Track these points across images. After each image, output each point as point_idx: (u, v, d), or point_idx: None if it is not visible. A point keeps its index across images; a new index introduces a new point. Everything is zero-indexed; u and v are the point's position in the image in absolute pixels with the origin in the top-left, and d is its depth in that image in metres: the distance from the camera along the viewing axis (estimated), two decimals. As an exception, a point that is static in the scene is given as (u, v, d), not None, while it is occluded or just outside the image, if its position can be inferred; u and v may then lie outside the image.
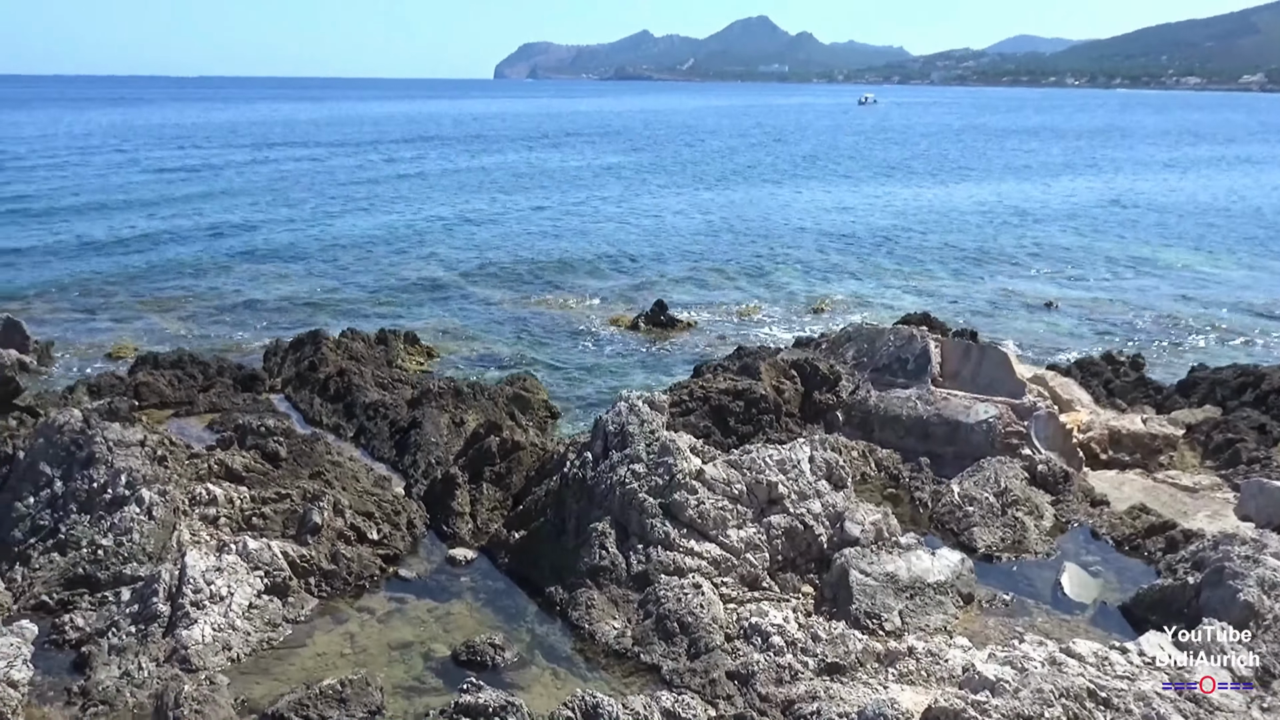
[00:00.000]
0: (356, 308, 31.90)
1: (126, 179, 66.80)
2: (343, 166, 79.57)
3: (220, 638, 11.48)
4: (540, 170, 79.76)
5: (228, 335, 27.97)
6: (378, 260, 40.01)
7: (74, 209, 51.80)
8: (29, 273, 35.94)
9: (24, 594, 12.37)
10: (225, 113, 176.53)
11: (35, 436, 14.70)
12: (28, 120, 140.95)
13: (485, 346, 27.31)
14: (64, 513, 13.39)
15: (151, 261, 38.47)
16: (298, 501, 14.41)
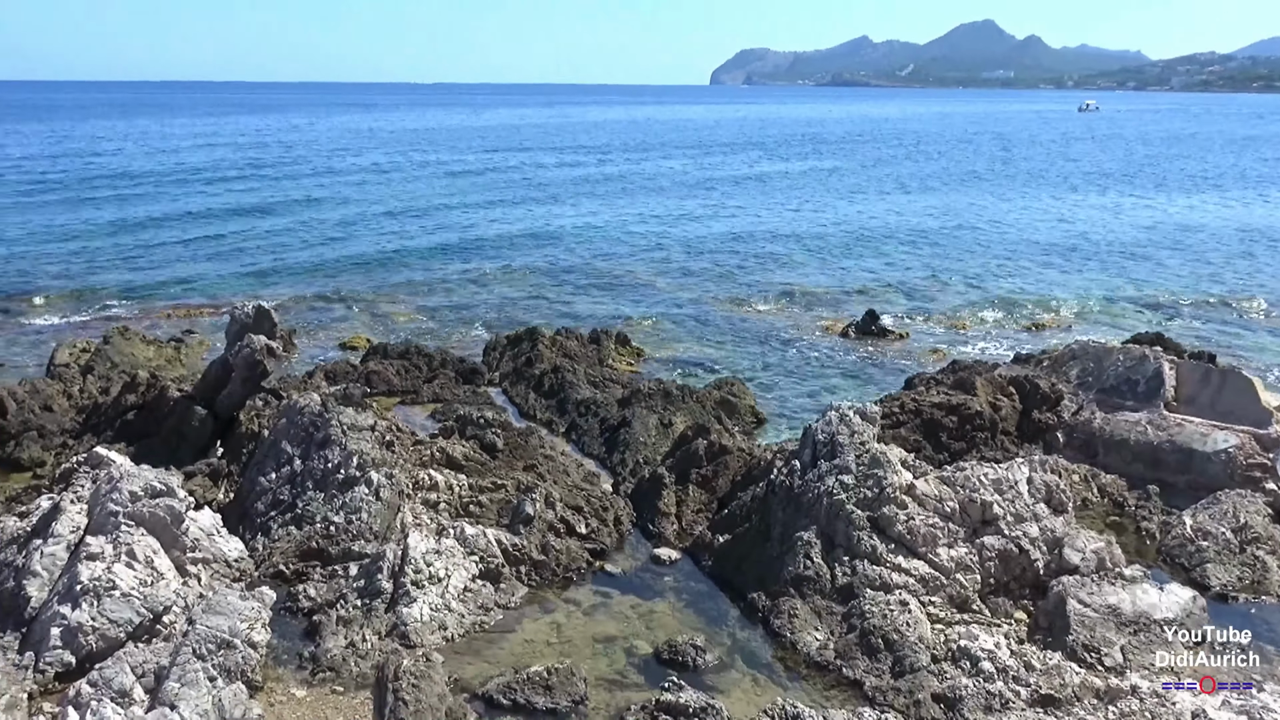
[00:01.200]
0: (571, 307, 32.80)
1: (366, 180, 71.18)
2: (562, 171, 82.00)
3: (437, 617, 12.04)
4: (758, 176, 79.80)
5: (451, 330, 29.32)
6: (592, 261, 41.04)
7: (318, 207, 55.74)
8: (280, 265, 38.95)
9: (264, 562, 13.34)
10: (458, 118, 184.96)
11: (279, 417, 15.85)
12: (279, 124, 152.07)
13: (694, 349, 27.53)
14: (301, 489, 14.36)
15: (385, 258, 40.91)
16: (512, 492, 14.95)
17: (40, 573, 11.40)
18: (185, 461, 16.49)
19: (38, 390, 19.77)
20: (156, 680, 9.95)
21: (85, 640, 10.61)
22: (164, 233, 46.26)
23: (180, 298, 33.01)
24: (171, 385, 18.45)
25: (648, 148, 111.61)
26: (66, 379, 21.54)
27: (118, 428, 18.04)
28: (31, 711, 9.72)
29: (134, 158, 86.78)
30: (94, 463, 14.28)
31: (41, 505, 13.18)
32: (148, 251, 41.45)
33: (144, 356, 23.83)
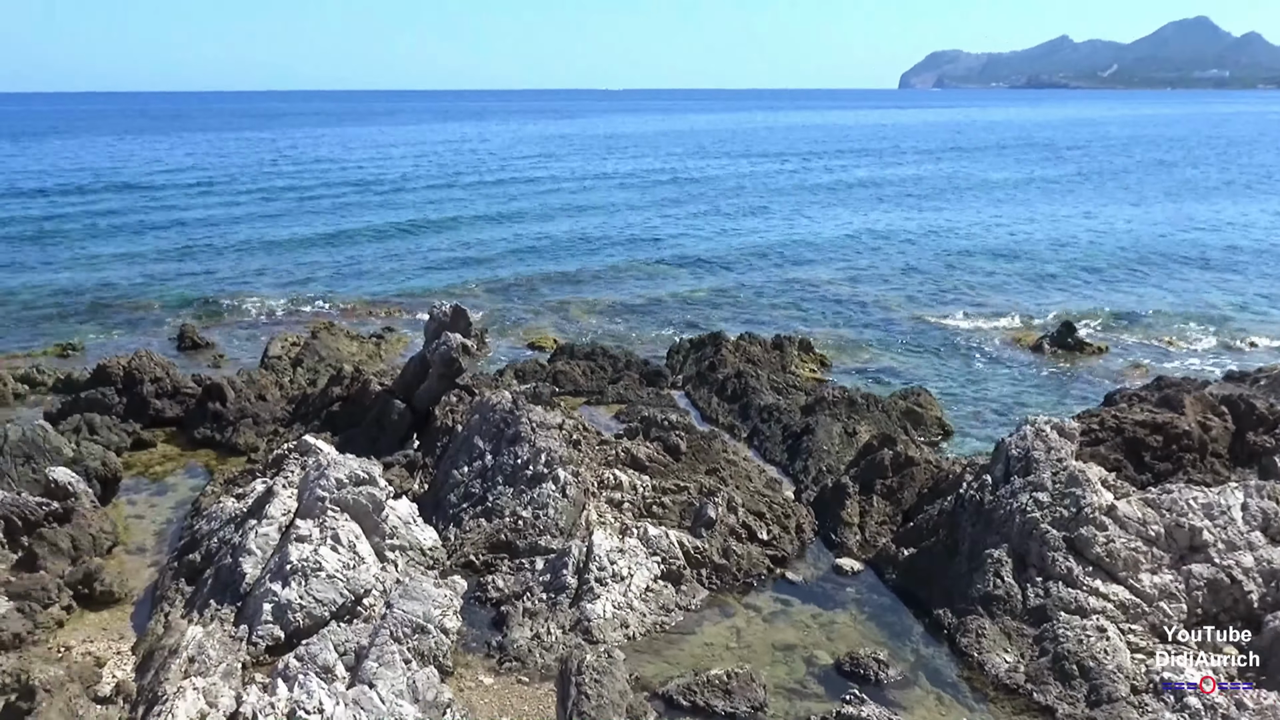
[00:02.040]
0: (753, 312, 32.72)
1: (559, 185, 73.04)
2: (748, 176, 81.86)
3: (619, 615, 12.23)
4: (949, 182, 77.50)
5: (635, 332, 29.72)
6: (775, 267, 40.84)
7: (512, 212, 57.56)
8: (474, 267, 40.44)
9: (455, 552, 13.86)
10: (648, 124, 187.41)
11: (472, 413, 16.43)
12: (477, 132, 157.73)
13: (879, 357, 27.02)
14: (492, 483, 14.85)
15: (574, 262, 41.87)
16: (694, 495, 15.03)
17: (255, 551, 12.20)
18: (384, 452, 17.30)
19: (253, 380, 21.15)
20: (356, 659, 10.48)
21: (293, 617, 11.27)
22: (367, 236, 48.69)
23: (381, 297, 34.65)
24: (373, 379, 19.39)
25: (834, 153, 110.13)
26: (278, 370, 22.99)
27: (324, 417, 19.09)
28: (245, 681, 10.38)
29: (342, 166, 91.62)
30: (303, 450, 15.18)
31: (256, 488, 14.11)
32: (352, 253, 43.72)
33: (348, 351, 25.14)
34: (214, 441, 19.36)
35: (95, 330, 29.75)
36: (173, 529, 15.61)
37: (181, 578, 12.95)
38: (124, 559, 14.61)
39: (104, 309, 32.43)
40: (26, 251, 43.55)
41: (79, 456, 16.55)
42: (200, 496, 16.04)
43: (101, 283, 36.66)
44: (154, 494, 17.32)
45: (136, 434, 19.48)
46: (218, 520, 13.69)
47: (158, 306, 32.70)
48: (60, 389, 22.56)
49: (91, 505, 14.89)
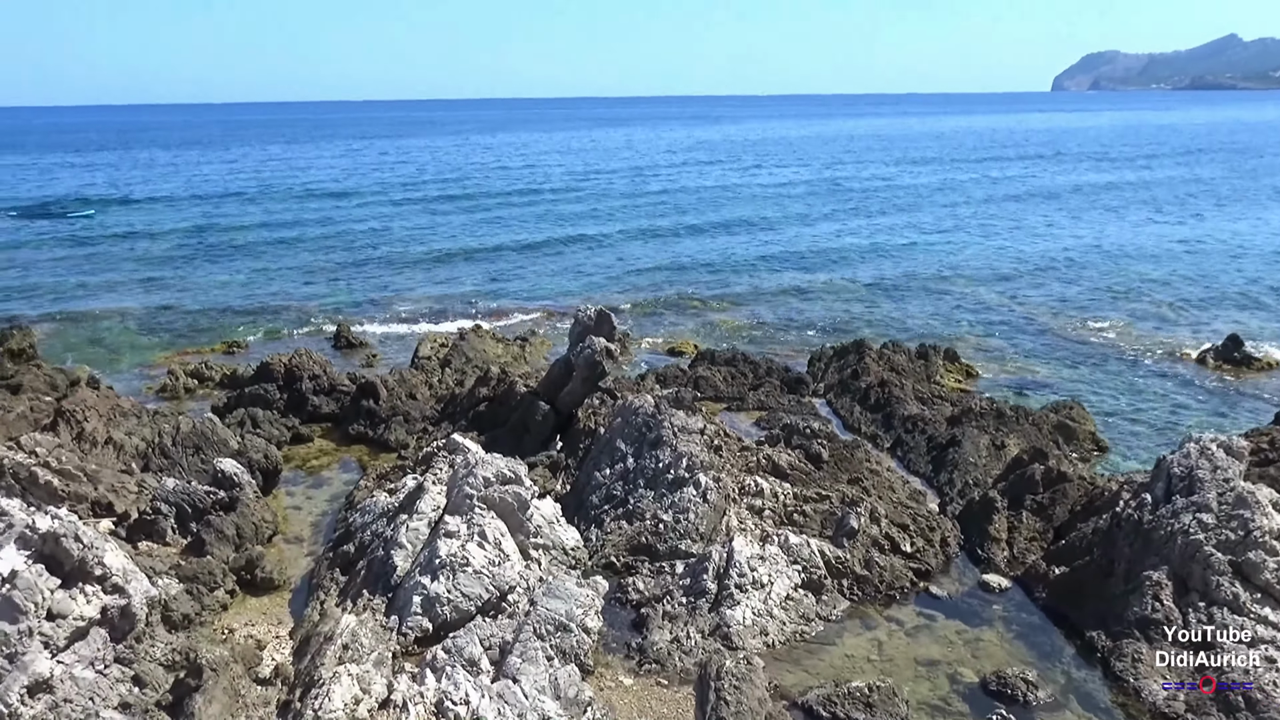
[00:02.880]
0: (898, 321, 32.14)
1: (702, 191, 73.29)
2: (895, 182, 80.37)
3: (759, 622, 12.18)
4: (1108, 188, 74.45)
5: (776, 339, 29.56)
6: (921, 274, 40.01)
7: (654, 219, 58.00)
8: (617, 272, 40.92)
9: (597, 553, 14.03)
10: (798, 129, 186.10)
11: (614, 416, 16.62)
12: (623, 138, 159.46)
13: (1028, 369, 26.17)
14: (633, 486, 14.98)
15: (715, 267, 41.98)
16: (836, 504, 14.85)
17: (405, 545, 12.60)
18: (528, 452, 17.64)
19: (404, 380, 21.86)
20: (501, 654, 10.73)
21: (441, 610, 11.60)
22: (514, 242, 49.81)
23: (526, 300, 35.35)
24: (519, 381, 19.80)
25: (985, 158, 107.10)
26: (428, 370, 23.69)
27: (471, 417, 19.59)
28: (395, 669, 10.74)
29: (494, 174, 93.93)
30: (451, 448, 15.61)
31: (407, 484, 14.58)
32: (499, 258, 44.80)
33: (494, 353, 25.74)
34: (367, 438, 20.08)
35: (259, 329, 31.26)
36: (328, 520, 16.27)
37: (336, 568, 13.47)
38: (283, 547, 15.30)
39: (267, 309, 34.07)
40: (197, 254, 46.18)
41: (243, 449, 17.40)
42: (354, 490, 16.67)
43: (265, 284, 38.62)
44: (311, 486, 18.08)
45: (295, 429, 20.37)
46: (370, 514, 14.20)
47: (316, 307, 34.16)
48: (226, 384, 23.77)
49: (254, 495, 15.63)
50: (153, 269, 42.37)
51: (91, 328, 31.71)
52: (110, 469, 16.45)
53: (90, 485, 15.54)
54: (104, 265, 43.56)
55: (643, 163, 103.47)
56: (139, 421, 18.94)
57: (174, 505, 14.88)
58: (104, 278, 40.59)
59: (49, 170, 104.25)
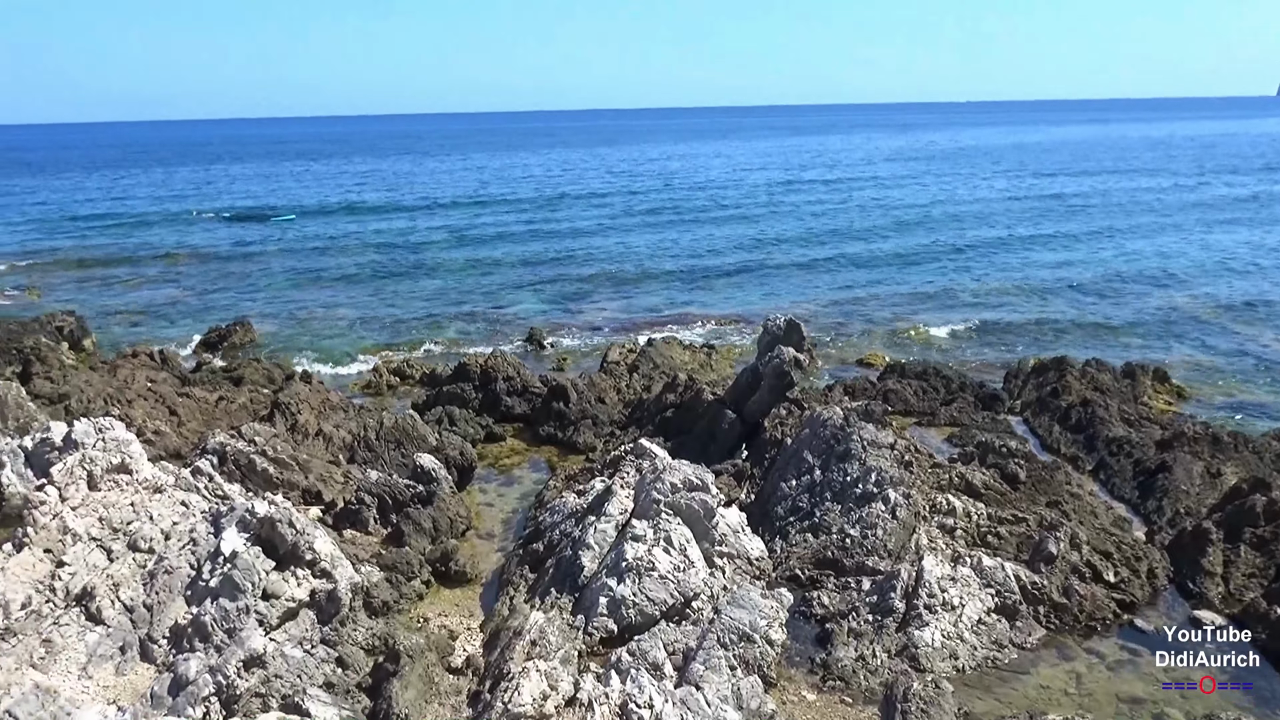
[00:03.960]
0: (1101, 337, 30.58)
1: (896, 200, 71.84)
2: (1110, 191, 76.36)
3: (949, 645, 11.79)
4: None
5: (969, 352, 28.61)
6: (1129, 289, 37.92)
7: (845, 229, 57.23)
8: (803, 282, 40.58)
9: (781, 564, 13.90)
10: (999, 138, 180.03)
11: (802, 427, 16.43)
12: (825, 147, 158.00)
13: (1246, 392, 24.41)
14: (820, 499, 14.77)
15: (902, 275, 41.04)
16: (1033, 528, 14.24)
17: (593, 546, 12.82)
18: (714, 460, 17.65)
19: (594, 384, 22.27)
20: (684, 660, 10.77)
21: (626, 613, 11.74)
22: (702, 248, 50.07)
23: (711, 308, 35.43)
24: (706, 388, 19.86)
25: (1206, 169, 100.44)
26: (616, 375, 24.05)
27: (657, 423, 19.76)
28: (581, 668, 10.93)
29: (689, 181, 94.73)
30: (638, 453, 15.78)
31: (595, 486, 14.83)
32: (688, 265, 45.07)
33: (681, 360, 25.90)
34: (556, 439, 20.56)
35: (458, 329, 32.51)
36: (518, 518, 16.74)
37: (526, 565, 13.84)
38: (475, 542, 15.82)
39: (464, 312, 35.40)
40: (398, 260, 48.45)
41: (441, 445, 18.09)
42: (544, 490, 17.09)
43: (462, 288, 40.15)
44: (502, 484, 18.65)
45: (489, 427, 21.06)
46: (559, 514, 14.52)
47: (511, 310, 35.26)
48: (426, 382, 24.80)
49: (450, 491, 16.23)
50: (357, 273, 44.73)
51: (303, 326, 33.72)
52: (319, 459, 17.41)
53: (301, 474, 16.49)
54: (313, 269, 46.26)
55: (845, 170, 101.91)
56: (346, 415, 20.00)
57: (376, 496, 15.61)
58: (314, 280, 43.15)
59: (268, 178, 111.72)
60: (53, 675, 10.16)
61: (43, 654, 10.41)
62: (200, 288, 41.98)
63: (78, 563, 11.48)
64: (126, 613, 11.07)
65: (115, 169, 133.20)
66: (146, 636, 10.88)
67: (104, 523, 12.25)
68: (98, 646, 10.65)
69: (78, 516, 12.13)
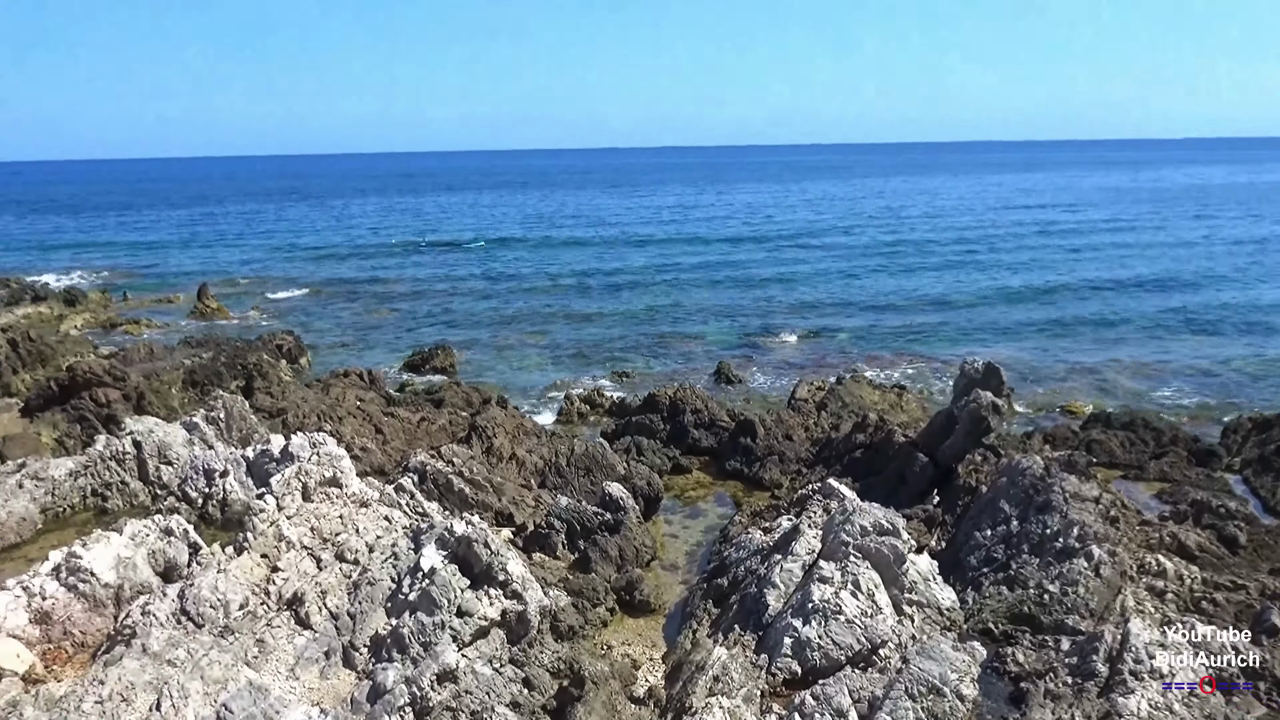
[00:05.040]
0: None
1: (1106, 236, 68.66)
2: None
3: (1156, 716, 11.07)
4: None
5: (1180, 403, 26.95)
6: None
7: (1052, 268, 55.02)
8: (1010, 322, 39.22)
9: (973, 616, 13.39)
10: (1227, 175, 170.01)
11: (998, 475, 15.83)
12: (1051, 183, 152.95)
13: None
14: (1016, 551, 14.18)
15: (1114, 318, 39.05)
16: (1255, 596, 13.24)
17: (779, 585, 12.70)
18: (903, 504, 17.22)
19: (781, 420, 22.14)
20: (870, 709, 10.49)
21: (811, 655, 11.56)
22: (898, 288, 49.14)
23: (903, 347, 34.68)
24: (897, 430, 19.43)
25: None
26: (804, 412, 23.84)
27: (845, 463, 19.46)
28: (763, 709, 10.82)
29: (888, 220, 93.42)
30: (826, 493, 15.57)
31: (782, 524, 14.72)
32: (883, 304, 44.34)
33: (870, 399, 25.43)
34: (742, 474, 20.52)
35: (647, 361, 32.99)
36: (702, 551, 16.77)
37: (709, 599, 13.83)
38: (659, 573, 15.93)
39: (657, 342, 35.91)
40: (589, 291, 49.66)
41: (629, 475, 18.34)
42: (728, 525, 17.07)
43: (651, 321, 40.74)
44: (687, 516, 18.73)
45: (676, 459, 21.22)
46: (745, 550, 14.46)
47: (700, 344, 35.51)
48: (615, 412, 25.23)
49: (637, 520, 16.42)
50: (551, 303, 46.09)
51: (499, 352, 34.93)
52: (512, 483, 17.95)
53: (495, 496, 17.03)
54: (509, 297, 47.97)
55: (1047, 216, 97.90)
56: (538, 441, 20.55)
57: (565, 522, 15.95)
58: (510, 308, 44.76)
59: (471, 209, 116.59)
60: (264, 674, 10.79)
61: (256, 653, 11.07)
62: (404, 313, 44.17)
63: (290, 569, 12.19)
64: (332, 620, 11.66)
65: (340, 199, 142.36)
66: (349, 644, 11.44)
67: (315, 533, 12.98)
68: (305, 650, 11.25)
69: (292, 525, 12.89)
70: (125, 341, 34.82)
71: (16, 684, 10.44)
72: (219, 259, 67.53)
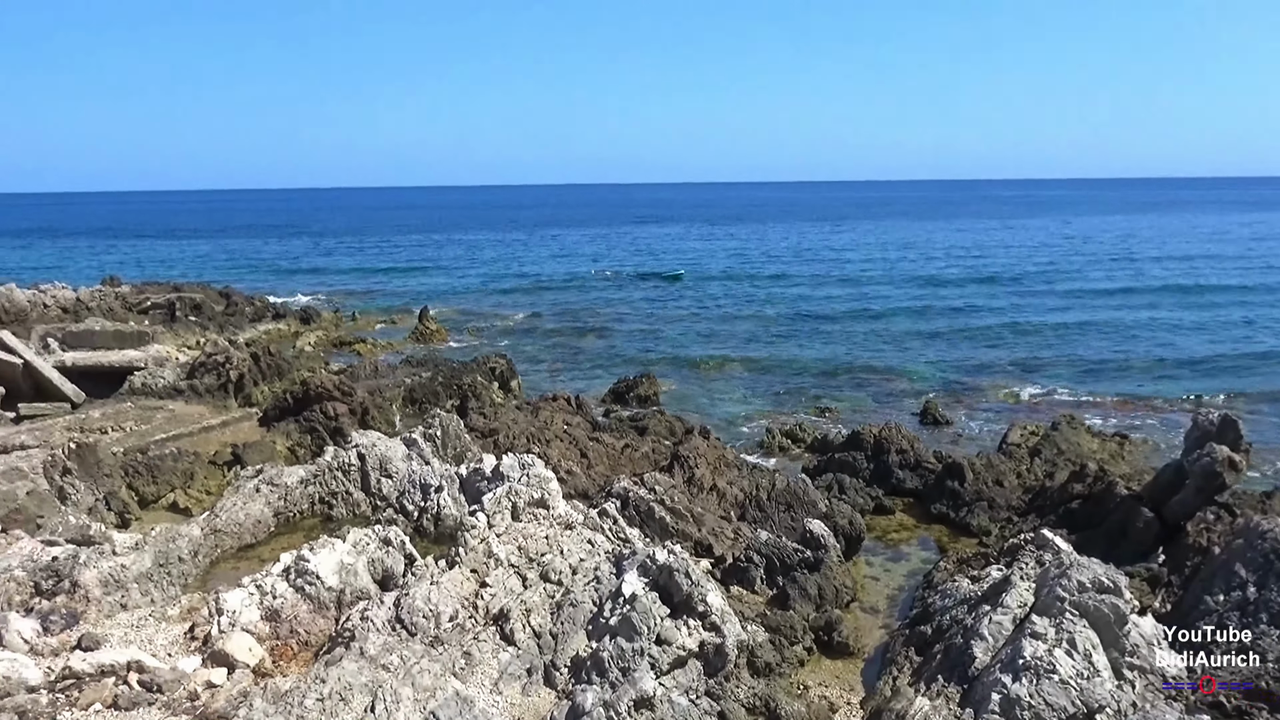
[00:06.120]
0: None
1: None
2: None
3: None
4: None
5: None
6: None
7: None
8: (1239, 367, 36.54)
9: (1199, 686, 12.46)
10: None
11: (1234, 537, 14.70)
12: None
13: None
14: (1253, 620, 13.11)
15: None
16: None
17: (986, 637, 12.20)
18: (1123, 560, 16.21)
19: (991, 465, 21.31)
20: (1084, 776, 9.92)
21: (1020, 714, 11.01)
22: (1124, 328, 46.63)
23: (1128, 393, 32.79)
24: (1119, 481, 18.35)
25: None
26: (1016, 458, 22.85)
27: (1061, 513, 18.52)
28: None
29: (1106, 260, 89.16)
30: (1040, 544, 14.86)
31: (991, 574, 14.15)
32: (1105, 347, 42.13)
33: (1088, 447, 24.14)
34: (948, 518, 19.87)
35: (851, 397, 32.46)
36: (904, 596, 16.31)
37: (911, 646, 13.42)
38: (859, 615, 15.59)
39: (862, 379, 35.31)
40: (796, 324, 49.42)
41: (830, 512, 18.07)
42: (933, 570, 16.53)
43: (858, 356, 40.10)
44: (889, 559, 18.28)
45: (879, 499, 20.75)
46: (951, 598, 13.97)
47: (907, 382, 34.66)
48: (816, 448, 24.93)
49: (837, 560, 16.13)
50: (753, 335, 46.09)
51: (702, 383, 35.14)
52: (712, 514, 17.98)
53: (695, 526, 17.10)
54: (710, 328, 48.33)
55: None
56: (739, 473, 20.51)
57: (765, 557, 15.83)
58: (711, 339, 45.07)
59: (671, 239, 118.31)
60: (470, 686, 11.16)
61: (463, 665, 11.48)
62: (611, 341, 45.11)
63: (498, 585, 12.60)
64: (535, 638, 11.96)
65: (558, 228, 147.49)
66: (550, 663, 11.71)
67: (522, 551, 13.38)
68: (508, 665, 11.58)
69: (501, 543, 13.34)
70: (352, 359, 37.01)
71: (248, 676, 11.19)
72: (440, 284, 71.08)
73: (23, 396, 26.27)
